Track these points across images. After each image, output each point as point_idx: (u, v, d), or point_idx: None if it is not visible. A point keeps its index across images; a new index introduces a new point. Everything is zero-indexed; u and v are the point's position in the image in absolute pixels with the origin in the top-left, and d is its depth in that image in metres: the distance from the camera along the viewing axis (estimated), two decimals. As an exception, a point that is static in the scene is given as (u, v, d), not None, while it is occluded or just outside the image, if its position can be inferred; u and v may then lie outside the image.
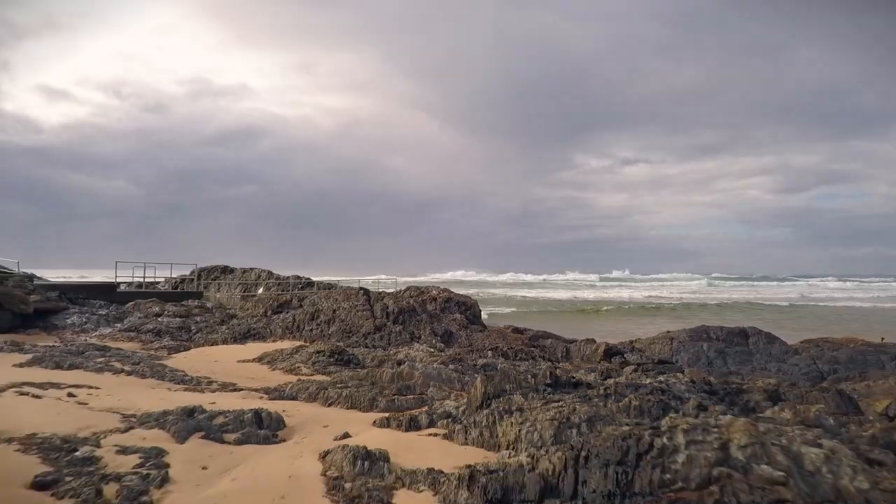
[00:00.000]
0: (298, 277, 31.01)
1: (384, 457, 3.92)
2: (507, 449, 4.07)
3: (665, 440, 2.95)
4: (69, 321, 14.59)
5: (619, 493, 2.92)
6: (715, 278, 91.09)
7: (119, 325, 14.74)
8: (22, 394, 6.05)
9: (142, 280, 23.79)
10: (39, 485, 3.65)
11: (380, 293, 14.18)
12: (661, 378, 5.02)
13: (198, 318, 15.62)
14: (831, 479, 2.87)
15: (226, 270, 33.50)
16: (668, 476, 2.84)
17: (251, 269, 33.44)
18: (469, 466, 3.55)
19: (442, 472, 3.69)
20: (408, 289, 14.87)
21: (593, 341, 13.48)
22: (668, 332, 14.33)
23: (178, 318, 15.41)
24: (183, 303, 18.00)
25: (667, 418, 3.16)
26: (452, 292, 15.97)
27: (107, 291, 18.40)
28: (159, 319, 15.14)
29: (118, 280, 20.19)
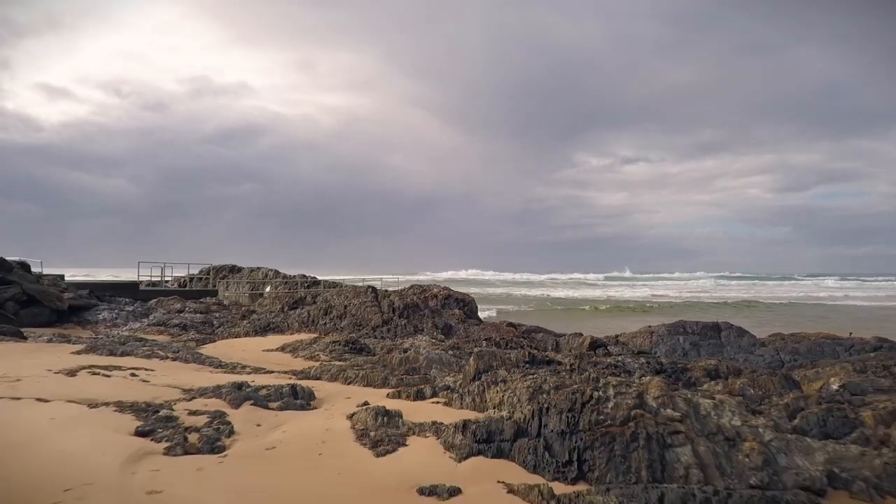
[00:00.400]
0: (304, 276, 32.18)
1: (399, 414, 5.08)
2: (493, 409, 5.23)
3: (600, 393, 4.10)
4: (100, 317, 15.76)
5: (569, 431, 4.08)
6: (721, 277, 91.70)
7: (146, 320, 15.90)
8: (94, 374, 7.21)
9: (158, 279, 25.00)
10: (140, 433, 4.81)
11: (386, 291, 15.35)
12: (619, 357, 6.17)
13: (217, 314, 16.78)
14: (716, 419, 4.03)
15: (234, 269, 34.66)
16: (601, 417, 4.00)
17: (258, 268, 34.60)
18: (463, 419, 4.71)
19: (442, 423, 4.85)
20: (411, 287, 16.06)
21: (580, 335, 14.62)
22: (650, 326, 15.48)
23: (199, 314, 16.56)
24: (201, 300, 19.15)
25: (603, 379, 4.32)
26: (452, 290, 17.12)
27: (130, 289, 19.57)
28: (182, 315, 16.30)
29: (140, 279, 21.35)
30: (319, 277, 32.93)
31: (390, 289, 18.04)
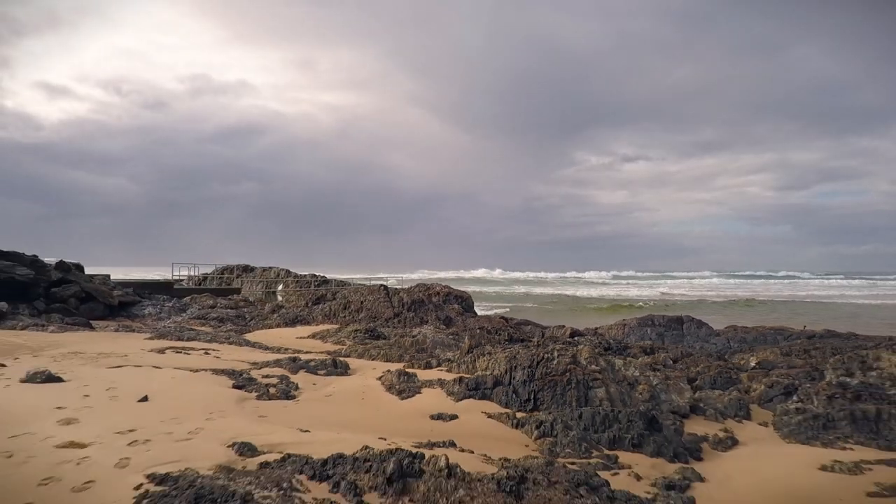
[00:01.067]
0: (315, 275, 34.18)
1: (414, 375, 7.11)
2: (481, 372, 7.25)
3: (549, 354, 6.12)
4: (146, 311, 17.76)
5: (528, 380, 6.09)
6: (732, 276, 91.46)
7: (184, 314, 17.88)
8: (177, 352, 9.22)
9: (180, 277, 27.02)
10: (236, 386, 6.81)
11: (396, 289, 17.37)
12: (574, 338, 8.18)
13: (246, 310, 18.78)
14: (624, 371, 6.04)
15: (247, 269, 36.60)
16: (549, 370, 6.01)
17: (270, 267, 36.57)
18: (460, 376, 6.73)
19: (445, 380, 6.87)
20: (417, 285, 18.06)
21: (563, 327, 16.61)
22: (624, 320, 17.48)
23: (230, 310, 18.56)
24: (229, 297, 21.17)
25: (552, 346, 6.34)
26: (452, 288, 19.13)
27: (166, 288, 21.59)
28: (216, 310, 18.29)
29: (172, 277, 23.35)
30: (328, 276, 34.97)
31: (398, 286, 20.06)
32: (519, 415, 5.63)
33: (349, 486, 3.53)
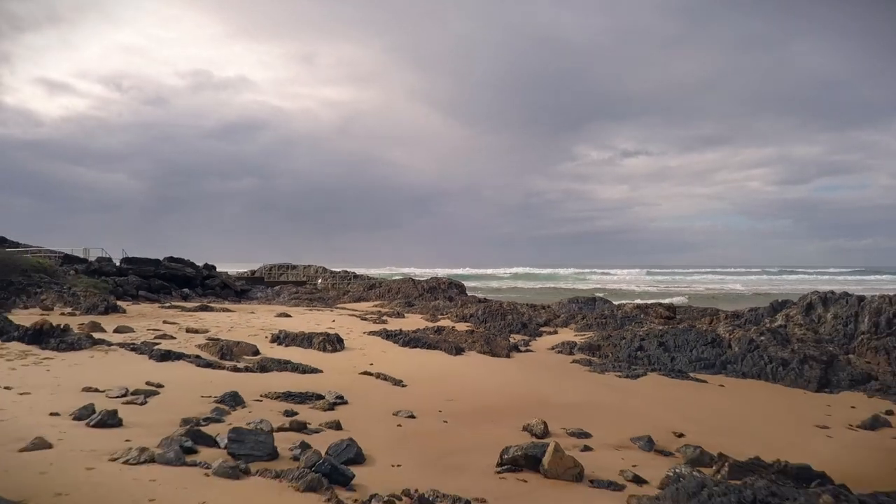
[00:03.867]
0: (346, 271, 42.58)
1: (436, 316, 15.59)
2: (467, 314, 15.76)
3: (492, 304, 14.55)
4: (258, 295, 26.16)
5: (483, 314, 14.57)
6: (752, 272, 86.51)
7: (281, 297, 26.24)
8: (317, 311, 17.52)
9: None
10: (362, 319, 15.17)
11: (418, 280, 25.81)
12: (518, 305, 16.63)
13: (320, 294, 27.15)
14: (519, 310, 14.45)
15: (289, 267, 45.01)
16: (491, 310, 14.47)
17: (309, 265, 45.02)
18: (457, 315, 15.19)
19: (450, 317, 15.34)
20: (431, 278, 26.48)
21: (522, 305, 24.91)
22: (560, 300, 25.82)
23: (309, 294, 26.91)
24: (303, 286, 29.55)
25: (493, 301, 14.80)
26: (453, 280, 27.52)
27: (258, 280, 29.97)
28: (300, 294, 26.63)
29: (255, 274, 31.62)
30: (358, 272, 43.37)
31: (420, 279, 28.51)
32: (479, 325, 14.05)
33: (424, 333, 12.01)
